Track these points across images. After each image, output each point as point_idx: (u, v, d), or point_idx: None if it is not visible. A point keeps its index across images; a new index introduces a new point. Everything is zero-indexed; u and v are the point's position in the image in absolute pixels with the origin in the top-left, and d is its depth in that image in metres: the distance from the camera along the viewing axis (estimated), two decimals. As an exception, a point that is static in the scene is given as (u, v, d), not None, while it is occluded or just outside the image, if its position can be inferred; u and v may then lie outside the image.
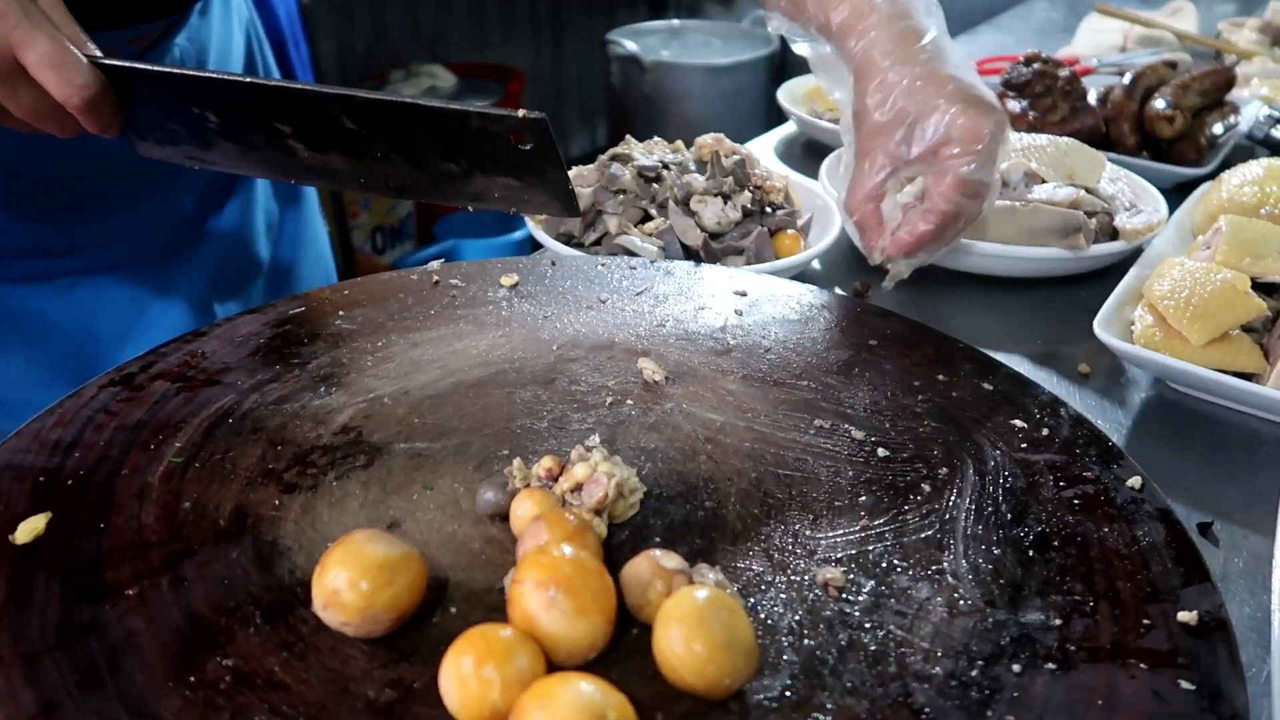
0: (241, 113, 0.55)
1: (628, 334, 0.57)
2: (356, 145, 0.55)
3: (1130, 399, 0.64)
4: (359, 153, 0.55)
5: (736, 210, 0.73)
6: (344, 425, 0.49)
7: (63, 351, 0.75)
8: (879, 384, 0.53)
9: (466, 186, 0.55)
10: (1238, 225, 0.66)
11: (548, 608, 0.33)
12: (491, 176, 0.54)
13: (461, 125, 0.52)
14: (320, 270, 0.96)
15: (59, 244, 0.73)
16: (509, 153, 0.52)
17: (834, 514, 0.43)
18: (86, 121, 0.54)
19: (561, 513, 0.38)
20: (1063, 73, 0.97)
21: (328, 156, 0.56)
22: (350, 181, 0.57)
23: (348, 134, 0.54)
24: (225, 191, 0.84)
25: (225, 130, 0.57)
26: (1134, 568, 0.41)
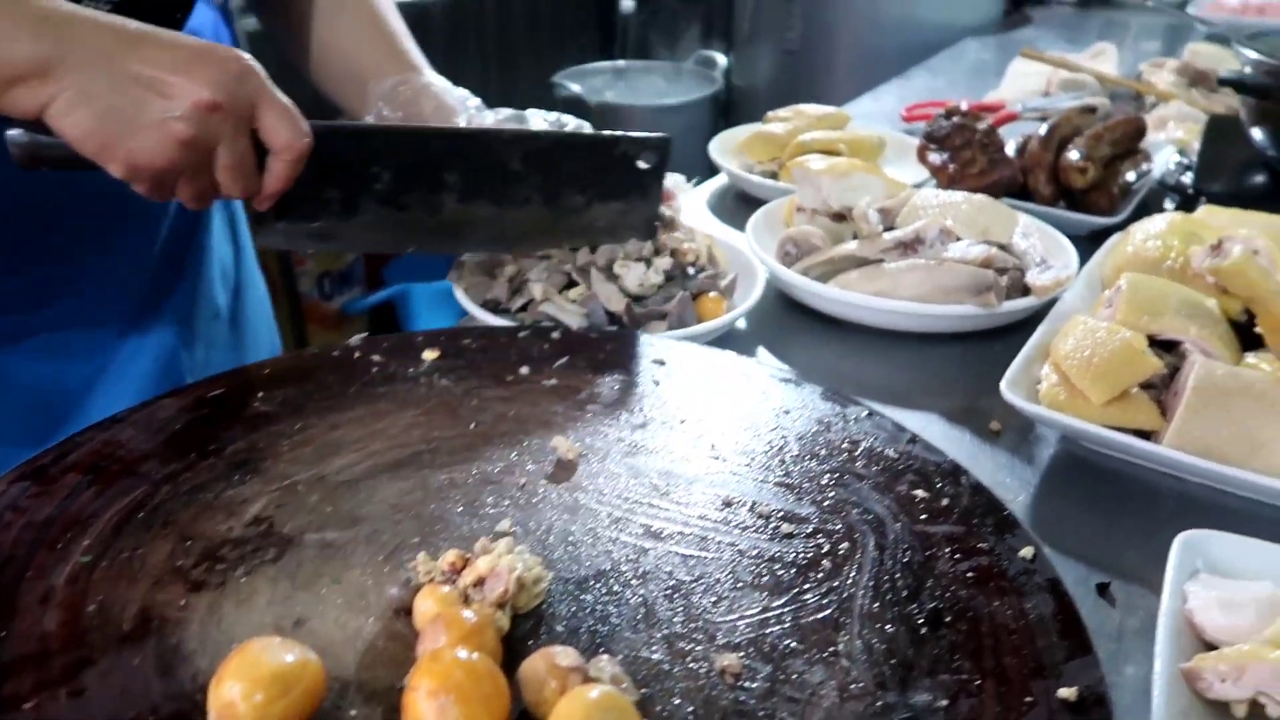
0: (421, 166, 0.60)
1: (546, 409, 0.58)
2: (508, 189, 0.60)
3: (1039, 456, 0.66)
4: (505, 197, 0.61)
5: (659, 274, 0.75)
6: (256, 516, 0.49)
7: (31, 406, 0.75)
8: (788, 455, 0.55)
9: (581, 219, 0.62)
10: (1136, 284, 0.68)
11: (439, 716, 0.34)
12: (606, 203, 0.62)
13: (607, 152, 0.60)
14: (263, 317, 0.97)
15: (30, 295, 0.73)
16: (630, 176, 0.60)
17: (736, 595, 0.44)
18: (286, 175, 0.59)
19: (460, 612, 0.38)
20: (981, 125, 1.00)
21: (473, 206, 0.61)
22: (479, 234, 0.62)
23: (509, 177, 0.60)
24: (187, 239, 0.85)
25: (390, 191, 0.61)
26: (1021, 642, 0.42)
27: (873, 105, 1.51)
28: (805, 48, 2.16)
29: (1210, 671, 0.43)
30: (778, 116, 1.15)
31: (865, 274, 0.80)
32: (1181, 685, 0.43)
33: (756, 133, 1.13)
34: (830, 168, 0.89)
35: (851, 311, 0.79)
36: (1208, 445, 0.59)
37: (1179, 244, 0.76)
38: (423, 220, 0.60)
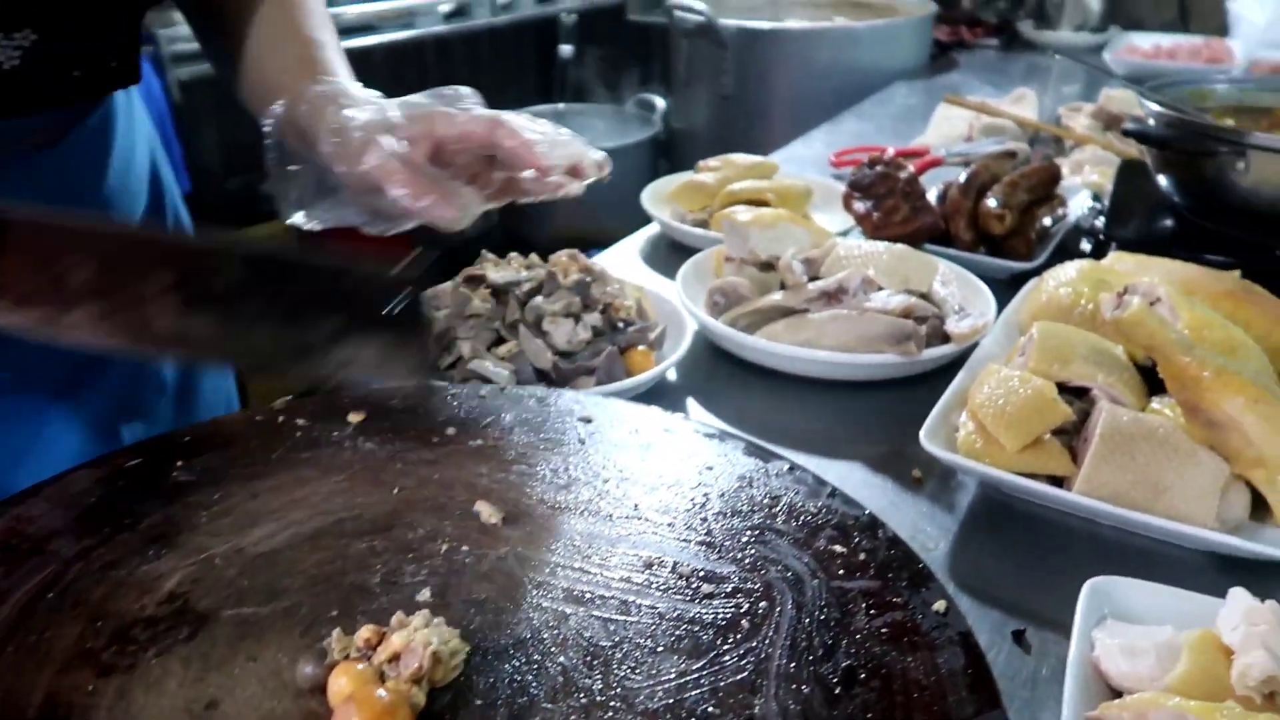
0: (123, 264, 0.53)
1: (469, 472, 0.59)
2: (234, 303, 0.53)
3: (959, 502, 0.68)
4: (232, 313, 0.53)
5: (587, 330, 0.76)
6: (171, 592, 0.48)
7: None
8: (710, 512, 0.55)
9: (335, 352, 0.55)
10: (1046, 332, 0.71)
11: None
12: (360, 339, 0.55)
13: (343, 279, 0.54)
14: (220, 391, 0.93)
15: None
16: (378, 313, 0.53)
17: (654, 660, 0.45)
18: None
19: (373, 691, 0.38)
20: (903, 174, 1.03)
21: (191, 321, 0.53)
22: (208, 350, 0.56)
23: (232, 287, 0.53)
24: None
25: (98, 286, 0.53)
26: (932, 699, 0.43)
27: (804, 150, 1.54)
28: (740, 93, 2.20)
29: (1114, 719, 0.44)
30: (708, 166, 1.17)
31: (790, 324, 0.81)
32: (1088, 733, 0.45)
33: (687, 182, 1.15)
34: (756, 218, 0.91)
35: (778, 361, 0.81)
36: (1115, 490, 0.61)
37: (1089, 290, 0.79)
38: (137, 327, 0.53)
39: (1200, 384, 0.60)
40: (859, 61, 2.11)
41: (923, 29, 2.23)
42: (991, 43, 2.43)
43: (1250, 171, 0.84)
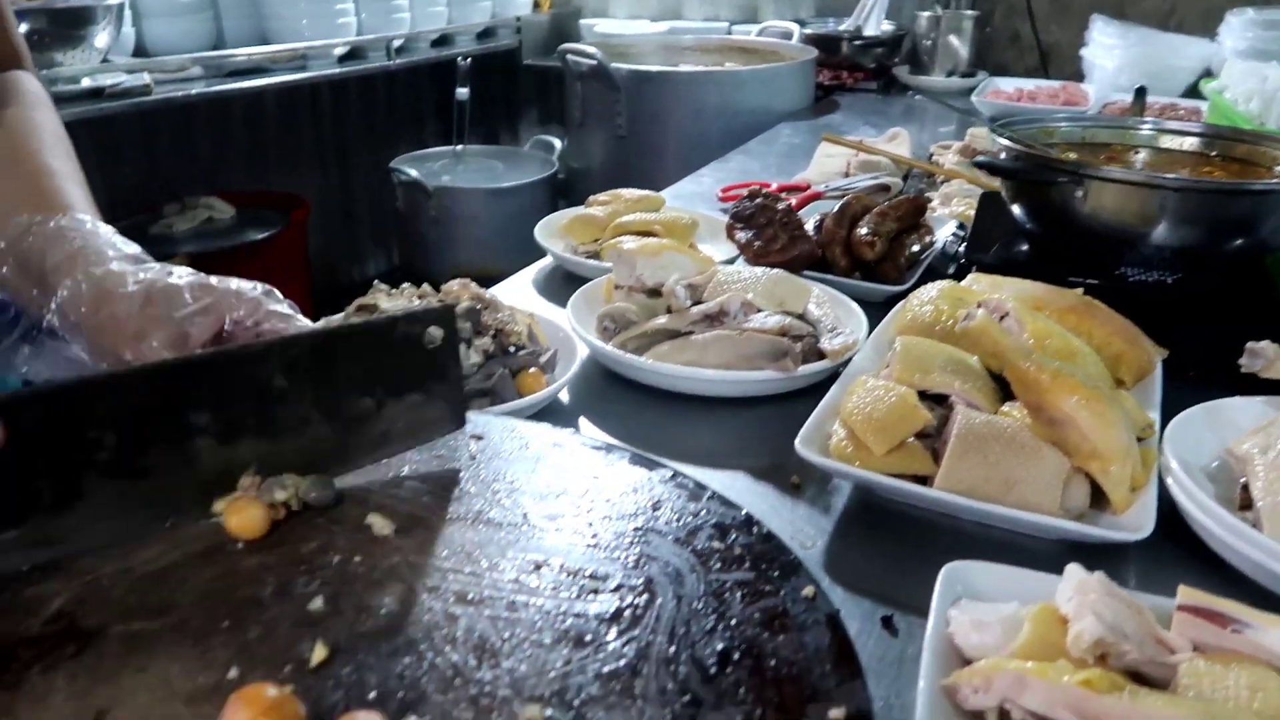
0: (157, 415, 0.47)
1: (362, 487, 0.60)
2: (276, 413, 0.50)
3: (834, 504, 0.72)
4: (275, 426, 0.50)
5: (478, 354, 0.78)
6: (57, 611, 0.48)
7: None
8: (596, 517, 0.58)
9: (375, 427, 0.54)
10: (908, 345, 0.76)
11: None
12: (401, 399, 0.54)
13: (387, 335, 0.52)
14: None
15: None
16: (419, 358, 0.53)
17: (541, 651, 0.47)
18: None
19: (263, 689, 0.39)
20: (780, 206, 1.09)
21: (237, 447, 0.50)
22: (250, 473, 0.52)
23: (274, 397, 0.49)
24: None
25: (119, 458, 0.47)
26: (799, 672, 0.46)
27: (694, 187, 1.60)
28: (633, 132, 2.27)
29: (965, 685, 0.48)
30: (598, 200, 1.22)
31: (676, 345, 0.85)
32: (943, 700, 0.49)
33: (578, 216, 1.18)
34: (642, 248, 0.95)
35: (665, 380, 0.84)
36: (971, 485, 0.66)
37: (948, 308, 0.85)
38: (174, 484, 0.49)
39: (1040, 385, 0.66)
40: (746, 103, 2.20)
41: (805, 73, 2.34)
42: (871, 86, 2.56)
43: (1088, 199, 0.92)
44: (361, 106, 3.05)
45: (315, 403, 0.51)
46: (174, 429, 0.48)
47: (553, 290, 1.13)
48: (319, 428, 0.52)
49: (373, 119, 3.09)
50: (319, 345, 0.51)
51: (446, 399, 0.54)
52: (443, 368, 0.53)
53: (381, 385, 0.53)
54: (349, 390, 0.52)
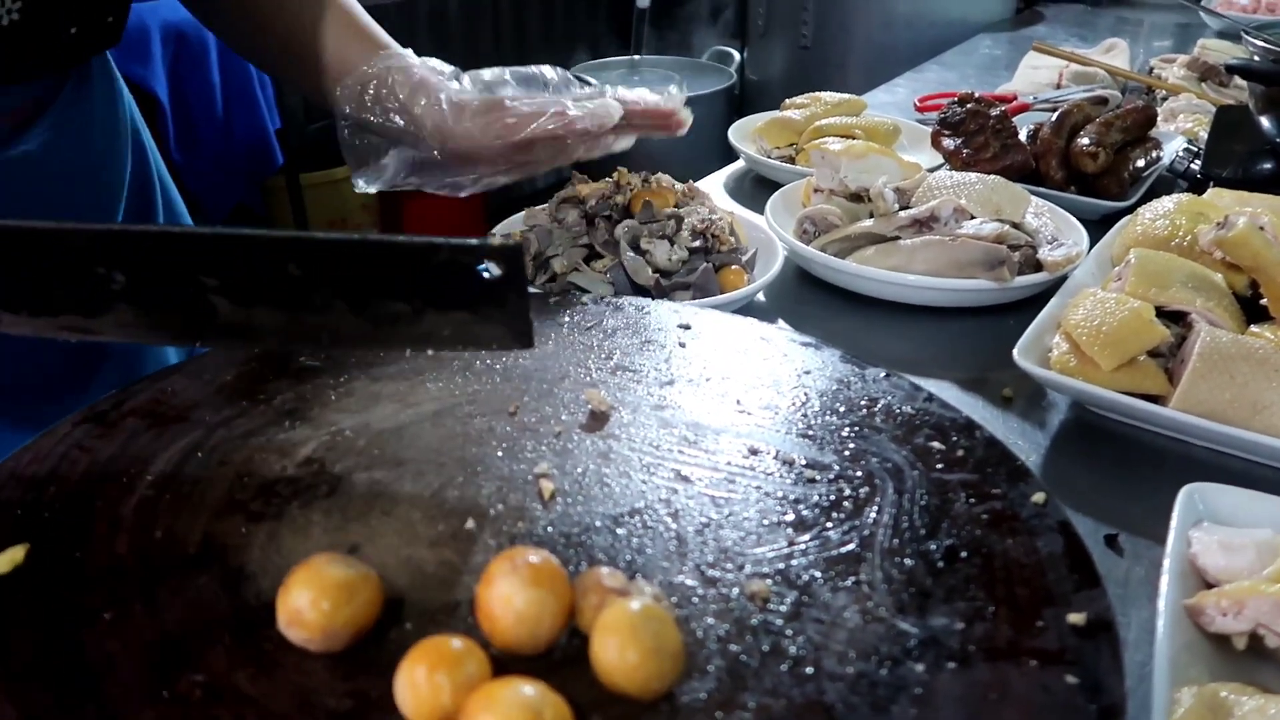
0: (159, 268, 0.49)
1: (577, 367, 0.61)
2: (294, 295, 0.49)
3: (1049, 421, 0.69)
4: (294, 303, 0.50)
5: (683, 250, 0.78)
6: (307, 457, 0.52)
7: None
8: (809, 410, 0.57)
9: (414, 328, 0.51)
10: (1145, 258, 0.71)
11: (509, 572, 0.37)
12: (445, 313, 0.50)
13: (427, 259, 0.48)
14: None
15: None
16: (471, 284, 0.48)
17: (762, 531, 0.47)
18: None
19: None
20: (994, 112, 1.03)
21: (253, 311, 0.50)
22: (272, 338, 0.52)
23: (288, 282, 0.49)
24: None
25: (132, 292, 0.50)
26: (1032, 575, 0.45)
27: (886, 97, 1.53)
28: (818, 43, 2.18)
29: (1212, 607, 0.45)
30: (795, 103, 1.18)
31: (881, 250, 0.82)
32: (1185, 620, 0.46)
33: (774, 119, 1.15)
34: (847, 149, 0.91)
35: (868, 285, 0.82)
36: (1212, 408, 0.61)
37: (1186, 223, 0.79)
38: (193, 322, 0.50)
39: (1305, 303, 0.60)
40: (941, 13, 2.08)
41: (1008, -18, 2.19)
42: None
43: (1360, 108, 0.82)
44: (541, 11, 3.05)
45: (338, 294, 0.49)
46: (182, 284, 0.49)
47: (744, 194, 1.11)
48: (346, 316, 0.50)
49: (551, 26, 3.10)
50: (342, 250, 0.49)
51: (505, 324, 0.50)
52: (501, 297, 0.48)
53: (420, 297, 0.49)
54: (379, 292, 0.49)
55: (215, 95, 1.69)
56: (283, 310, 0.50)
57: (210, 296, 0.49)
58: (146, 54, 1.52)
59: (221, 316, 0.50)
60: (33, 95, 0.69)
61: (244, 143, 1.75)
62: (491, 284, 0.48)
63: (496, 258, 0.47)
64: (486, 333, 0.50)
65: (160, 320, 0.51)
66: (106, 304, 0.49)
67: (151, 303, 0.50)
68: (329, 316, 0.50)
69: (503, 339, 0.51)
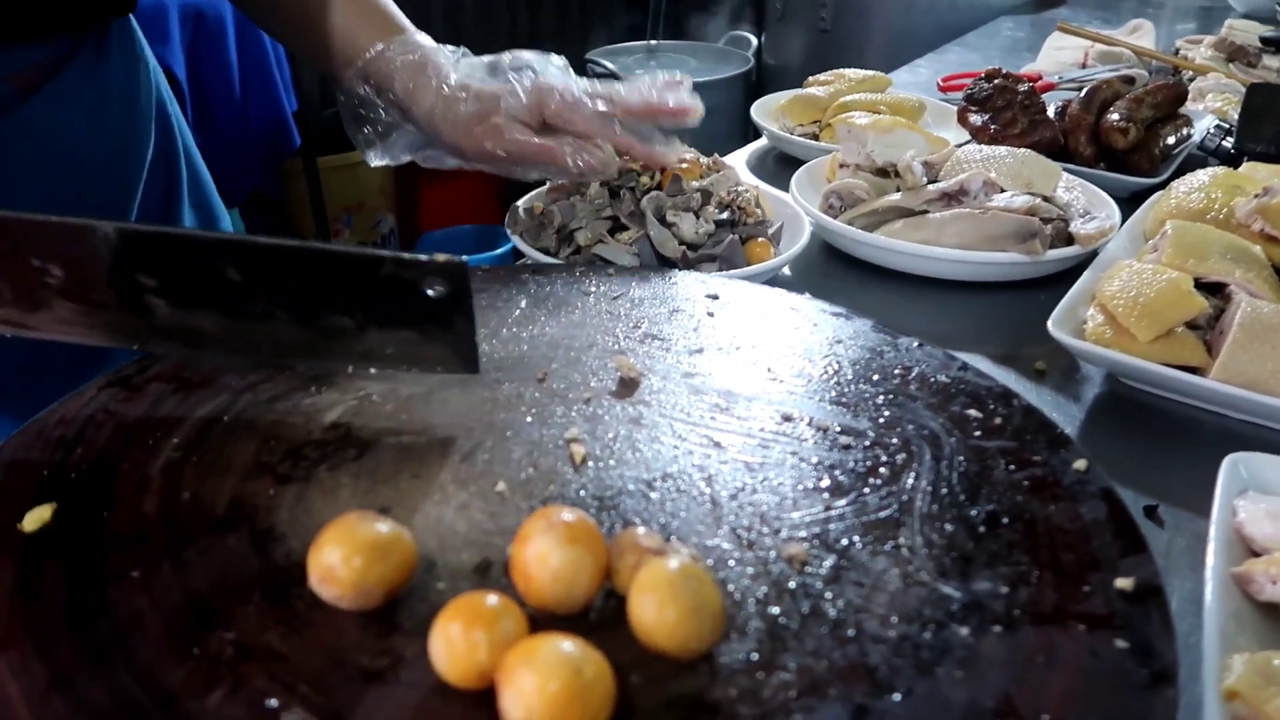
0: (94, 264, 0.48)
1: (605, 336, 0.60)
2: (234, 301, 0.49)
3: (1084, 394, 0.67)
4: (235, 310, 0.49)
5: (709, 222, 0.77)
6: (334, 422, 0.51)
7: None
8: (843, 378, 0.56)
9: (356, 344, 0.50)
10: (1182, 230, 0.69)
11: (545, 530, 0.37)
12: (389, 330, 0.49)
13: (370, 272, 0.47)
14: None
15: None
16: (415, 302, 0.47)
17: (797, 496, 0.46)
18: None
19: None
20: (1022, 88, 1.01)
21: (193, 315, 0.49)
22: (214, 345, 0.51)
23: (228, 287, 0.48)
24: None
25: (70, 288, 0.49)
26: (1076, 541, 0.43)
27: (909, 78, 1.52)
28: (838, 27, 2.17)
29: (1261, 575, 0.44)
30: (818, 80, 1.17)
31: (909, 224, 0.81)
32: (1232, 589, 0.45)
33: (797, 96, 1.14)
34: (874, 123, 0.90)
35: (896, 259, 0.81)
36: (1253, 379, 0.60)
37: (1222, 196, 0.77)
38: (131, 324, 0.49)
39: (1351, 272, 0.59)
40: (963, -4, 2.06)
41: (1031, -37, 2.16)
42: (1102, -21, 2.34)
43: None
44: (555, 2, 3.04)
45: (279, 304, 0.49)
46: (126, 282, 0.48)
47: (766, 173, 1.10)
48: (288, 326, 0.49)
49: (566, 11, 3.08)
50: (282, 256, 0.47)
51: (451, 346, 0.49)
52: (447, 317, 0.48)
53: (363, 311, 0.48)
54: (322, 304, 0.48)
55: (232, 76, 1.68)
56: (223, 316, 0.49)
57: (148, 297, 0.49)
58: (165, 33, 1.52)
59: (160, 319, 0.50)
60: (36, 60, 0.68)
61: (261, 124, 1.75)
62: (437, 303, 0.47)
63: (441, 274, 0.46)
64: (431, 354, 0.50)
65: (99, 320, 0.50)
66: (44, 299, 0.49)
67: (89, 300, 0.49)
68: (270, 326, 0.50)
69: (448, 362, 0.51)
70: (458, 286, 0.47)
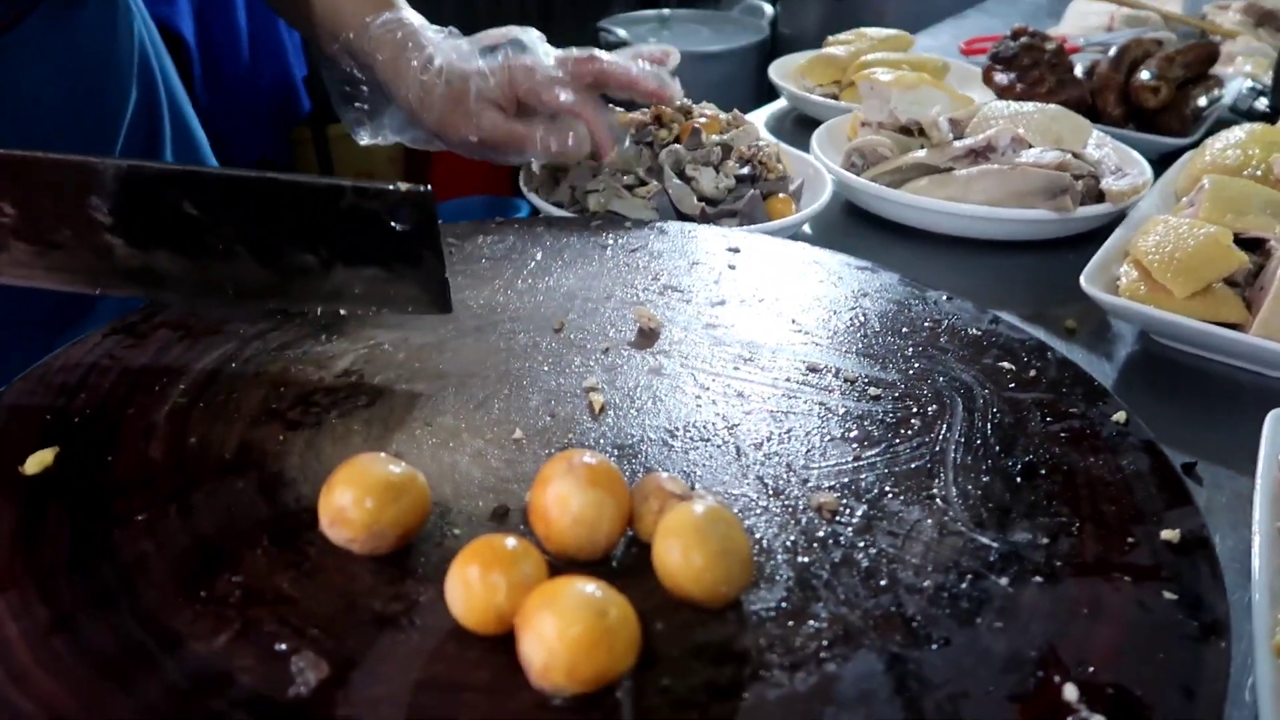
0: (51, 198, 0.46)
1: (624, 286, 0.58)
2: (194, 238, 0.47)
3: (1116, 354, 0.65)
4: (194, 248, 0.47)
5: (730, 177, 0.74)
6: (345, 369, 0.49)
7: None
8: (870, 330, 0.54)
9: (323, 283, 0.48)
10: (1220, 184, 0.67)
11: (566, 473, 0.35)
12: (355, 268, 0.47)
13: (331, 203, 0.45)
14: None
15: None
16: (381, 236, 0.46)
17: (825, 446, 0.44)
18: None
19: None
20: (1049, 46, 0.99)
21: (152, 255, 0.48)
22: (176, 287, 0.49)
23: (186, 222, 0.46)
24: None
25: (24, 224, 0.47)
26: (1118, 493, 0.42)
27: (929, 42, 1.48)
28: (855, -6, 2.13)
29: (1309, 529, 0.42)
30: (838, 40, 1.14)
31: (935, 181, 0.79)
32: (1279, 544, 0.43)
33: (817, 55, 1.11)
34: (898, 79, 0.87)
35: (921, 217, 0.79)
36: (1296, 336, 0.58)
37: (1260, 152, 0.75)
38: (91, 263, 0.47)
39: (1401, 224, 0.57)
40: (984, -38, 2.01)
41: (1054, -72, 2.11)
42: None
43: None
44: (567, -31, 2.99)
45: (238, 239, 0.47)
46: (80, 217, 0.46)
47: (785, 135, 1.07)
48: (248, 263, 0.48)
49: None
50: (241, 184, 0.46)
51: (420, 284, 0.47)
52: (415, 253, 0.46)
53: (327, 247, 0.47)
54: (283, 240, 0.47)
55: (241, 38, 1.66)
56: (182, 255, 0.48)
57: (105, 236, 0.47)
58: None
59: (119, 259, 0.48)
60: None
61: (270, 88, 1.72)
62: (404, 237, 0.45)
63: (405, 205, 0.44)
64: (401, 292, 0.48)
65: (56, 261, 0.49)
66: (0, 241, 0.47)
67: (45, 240, 0.48)
68: (233, 265, 0.48)
69: (418, 301, 0.49)
70: (424, 218, 0.45)
